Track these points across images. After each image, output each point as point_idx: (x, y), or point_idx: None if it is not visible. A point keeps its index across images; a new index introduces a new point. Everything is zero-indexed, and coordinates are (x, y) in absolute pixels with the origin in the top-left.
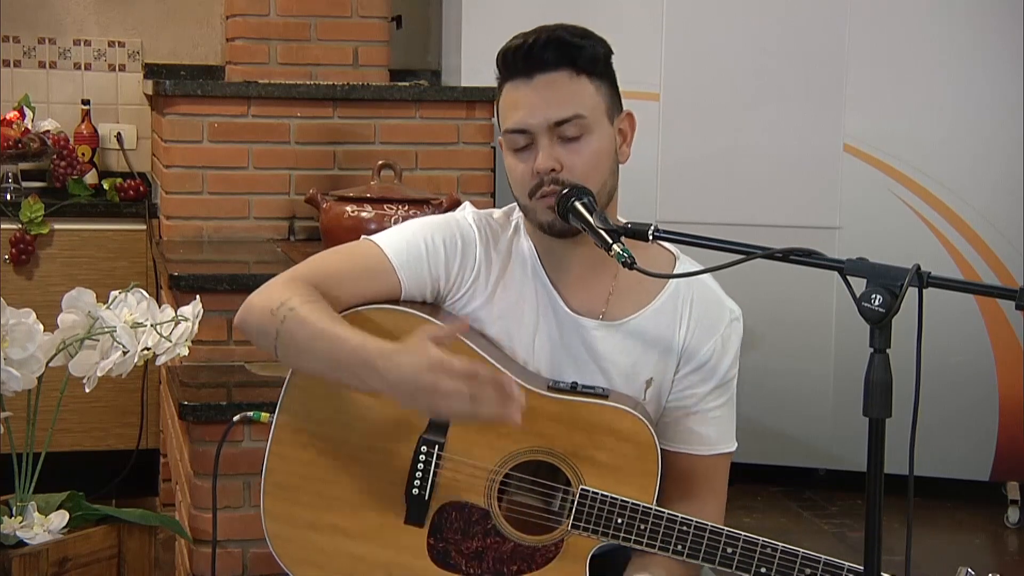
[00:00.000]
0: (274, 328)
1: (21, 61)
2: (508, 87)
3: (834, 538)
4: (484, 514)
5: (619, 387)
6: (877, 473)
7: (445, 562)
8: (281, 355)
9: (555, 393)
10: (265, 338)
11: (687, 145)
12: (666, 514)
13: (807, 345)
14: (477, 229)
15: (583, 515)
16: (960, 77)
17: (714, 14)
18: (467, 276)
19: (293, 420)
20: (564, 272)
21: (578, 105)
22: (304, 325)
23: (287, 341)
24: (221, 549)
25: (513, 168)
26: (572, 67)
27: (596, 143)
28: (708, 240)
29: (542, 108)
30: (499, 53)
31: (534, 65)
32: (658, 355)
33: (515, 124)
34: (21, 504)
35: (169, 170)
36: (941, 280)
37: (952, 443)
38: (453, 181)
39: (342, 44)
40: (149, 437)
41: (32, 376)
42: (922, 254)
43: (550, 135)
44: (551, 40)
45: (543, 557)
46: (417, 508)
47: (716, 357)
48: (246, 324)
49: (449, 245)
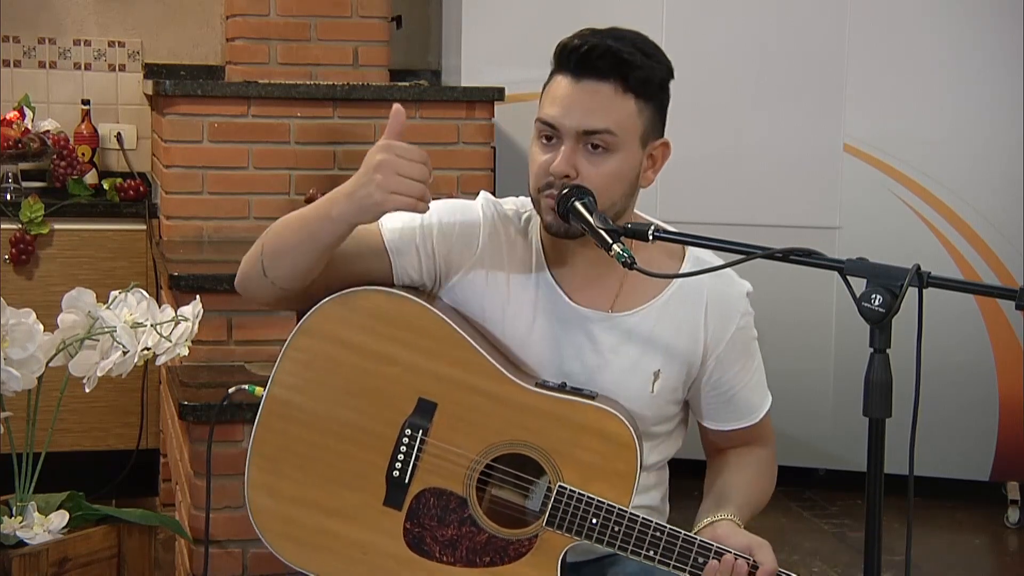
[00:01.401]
0: (259, 259)
1: (21, 61)
2: (556, 78)
3: (834, 538)
4: (461, 503)
5: (624, 379)
6: (877, 473)
7: (419, 547)
8: (271, 275)
9: (543, 390)
10: (257, 277)
11: (687, 145)
12: (640, 518)
13: (807, 345)
14: (484, 215)
15: (559, 512)
16: (960, 77)
17: (714, 14)
18: (464, 260)
19: (283, 393)
20: (570, 269)
21: (612, 121)
22: (275, 231)
23: (270, 258)
24: (221, 549)
25: (535, 157)
26: (622, 82)
27: (618, 163)
28: (708, 240)
29: (577, 112)
30: (560, 43)
31: (585, 69)
32: (669, 346)
33: (548, 117)
34: (21, 504)
35: (169, 170)
36: (941, 280)
37: (952, 443)
38: (453, 181)
39: (342, 44)
40: (149, 437)
41: (32, 376)
42: (922, 254)
43: (576, 140)
44: (609, 51)
45: (516, 551)
46: (396, 491)
47: (740, 334)
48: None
49: (447, 228)
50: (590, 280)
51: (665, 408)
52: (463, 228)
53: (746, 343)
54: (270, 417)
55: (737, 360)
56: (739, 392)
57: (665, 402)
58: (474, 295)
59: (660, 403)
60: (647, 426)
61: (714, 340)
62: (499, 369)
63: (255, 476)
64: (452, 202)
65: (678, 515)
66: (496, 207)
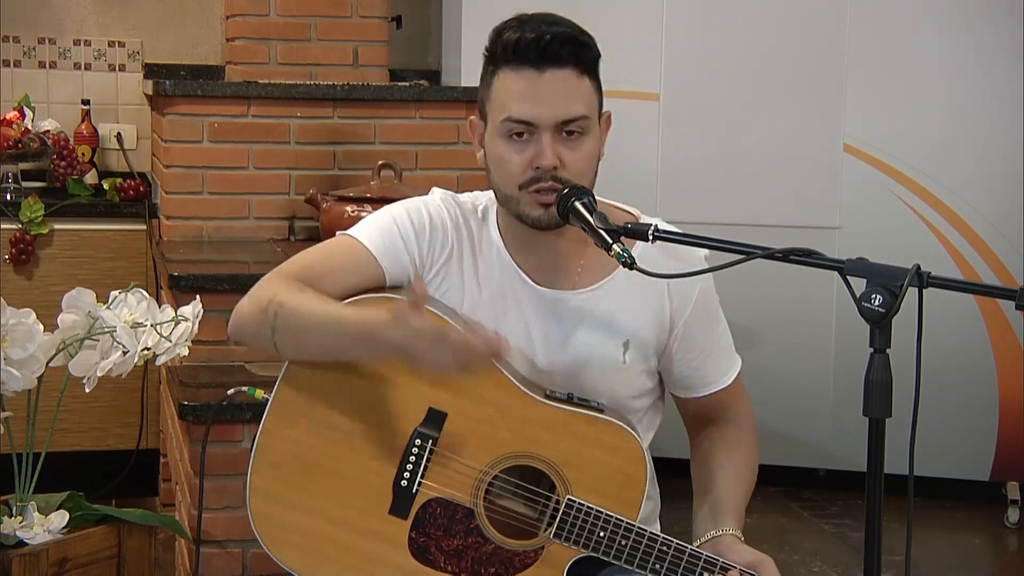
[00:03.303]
0: (268, 326)
1: (21, 61)
2: (510, 74)
3: (834, 538)
4: (468, 513)
5: (596, 352)
6: (877, 473)
7: (424, 557)
8: (281, 350)
9: (552, 402)
10: (261, 339)
11: (687, 145)
12: (648, 533)
13: (807, 345)
14: (445, 208)
15: (566, 525)
16: (960, 77)
17: (714, 14)
18: (438, 254)
19: (291, 397)
20: (531, 255)
21: (584, 105)
22: (297, 314)
23: (284, 335)
24: (221, 549)
25: (506, 157)
26: (579, 66)
27: (591, 143)
28: (708, 240)
29: (551, 105)
30: (503, 38)
31: (546, 58)
32: (635, 316)
33: (521, 115)
34: (21, 504)
35: (169, 170)
36: (941, 280)
37: (952, 443)
38: (453, 181)
39: (342, 44)
40: (149, 437)
41: (32, 376)
42: (922, 254)
43: (554, 132)
44: (565, 36)
45: (521, 562)
46: (403, 500)
47: (703, 296)
48: (240, 330)
49: (419, 225)
50: (552, 264)
51: (639, 379)
52: (434, 225)
53: (709, 305)
54: (275, 422)
55: (704, 323)
56: (709, 355)
57: (638, 372)
58: (449, 290)
59: (633, 374)
60: (625, 401)
61: (679, 305)
62: (510, 380)
63: (258, 482)
64: (415, 202)
65: (674, 514)
66: (457, 201)
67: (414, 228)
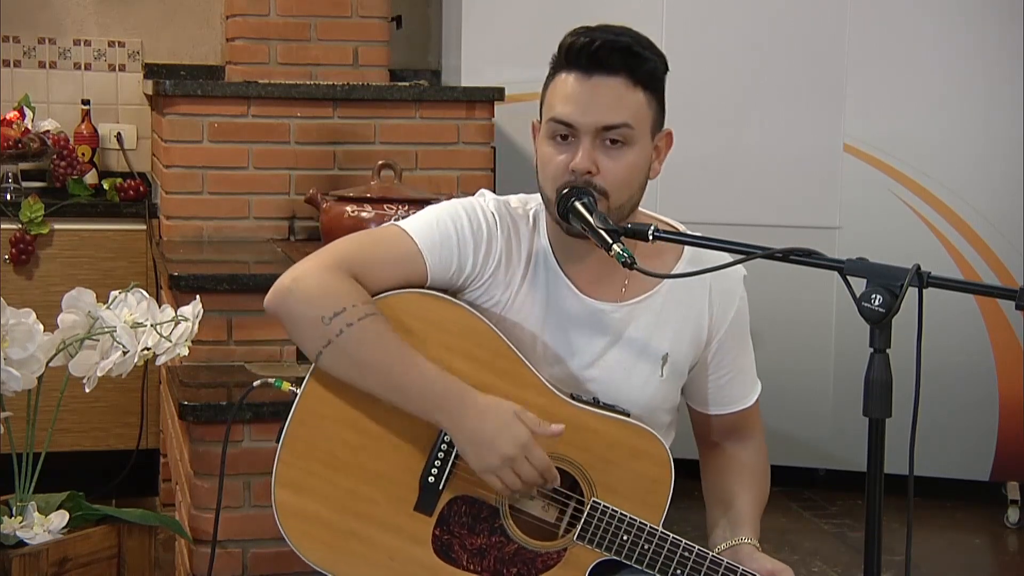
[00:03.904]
0: (324, 338)
1: (21, 61)
2: (563, 76)
3: (834, 538)
4: (493, 512)
5: (636, 365)
6: (877, 473)
7: (447, 554)
8: (323, 362)
9: (579, 404)
10: (305, 341)
11: (687, 145)
12: (671, 538)
13: (807, 345)
14: (499, 218)
15: (591, 527)
16: (960, 77)
17: (714, 14)
18: (489, 264)
19: (320, 391)
20: (580, 265)
21: (628, 114)
22: (366, 344)
23: (338, 355)
24: (221, 549)
25: (549, 158)
26: (631, 76)
27: (634, 155)
28: (708, 240)
29: (594, 109)
30: (563, 42)
31: (596, 65)
32: (676, 330)
33: (563, 116)
34: (21, 504)
35: (169, 170)
36: (941, 280)
37: (952, 443)
38: (453, 181)
39: (342, 44)
40: (149, 437)
41: (32, 376)
42: (922, 254)
43: (594, 137)
44: (617, 45)
45: (544, 563)
46: (429, 496)
47: (739, 316)
48: (286, 316)
49: (476, 231)
50: (599, 275)
51: (673, 392)
52: (491, 234)
53: (743, 326)
54: (305, 413)
55: (736, 343)
56: (736, 375)
57: (673, 387)
58: (495, 294)
59: (668, 388)
60: (658, 413)
61: (718, 322)
62: (541, 380)
63: (283, 472)
64: (474, 206)
65: (674, 513)
66: (508, 207)
67: (473, 236)
